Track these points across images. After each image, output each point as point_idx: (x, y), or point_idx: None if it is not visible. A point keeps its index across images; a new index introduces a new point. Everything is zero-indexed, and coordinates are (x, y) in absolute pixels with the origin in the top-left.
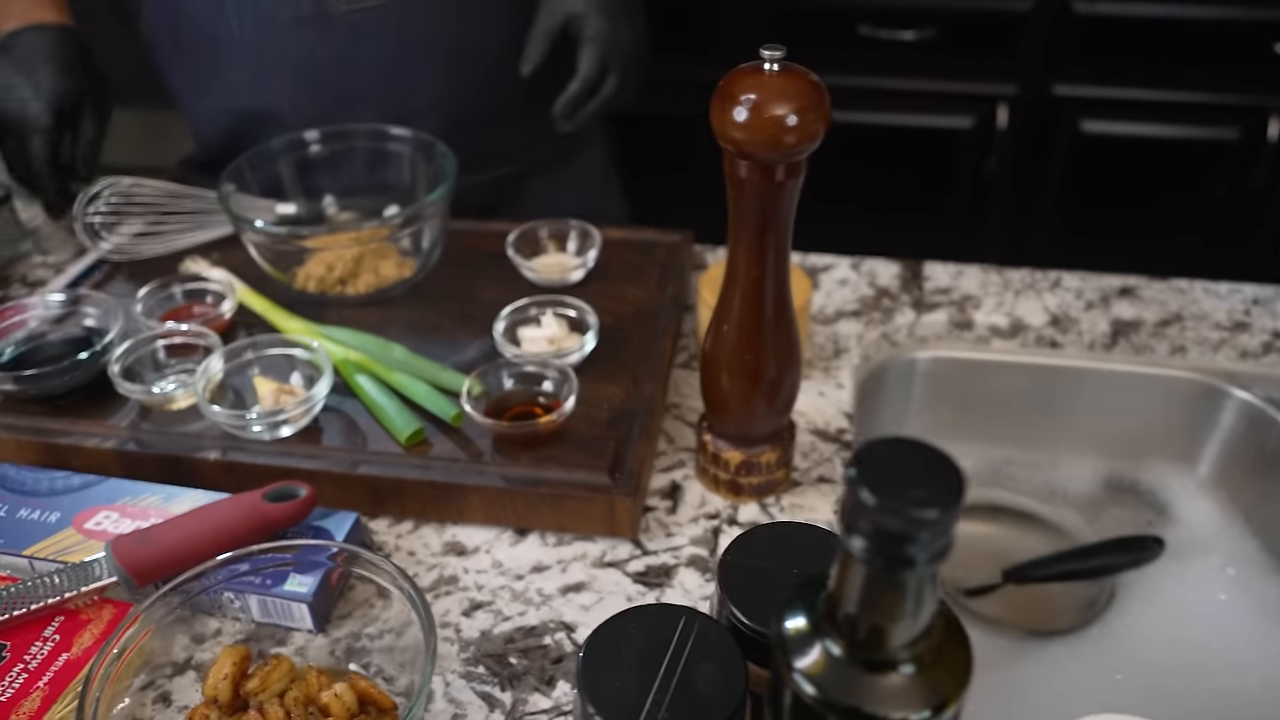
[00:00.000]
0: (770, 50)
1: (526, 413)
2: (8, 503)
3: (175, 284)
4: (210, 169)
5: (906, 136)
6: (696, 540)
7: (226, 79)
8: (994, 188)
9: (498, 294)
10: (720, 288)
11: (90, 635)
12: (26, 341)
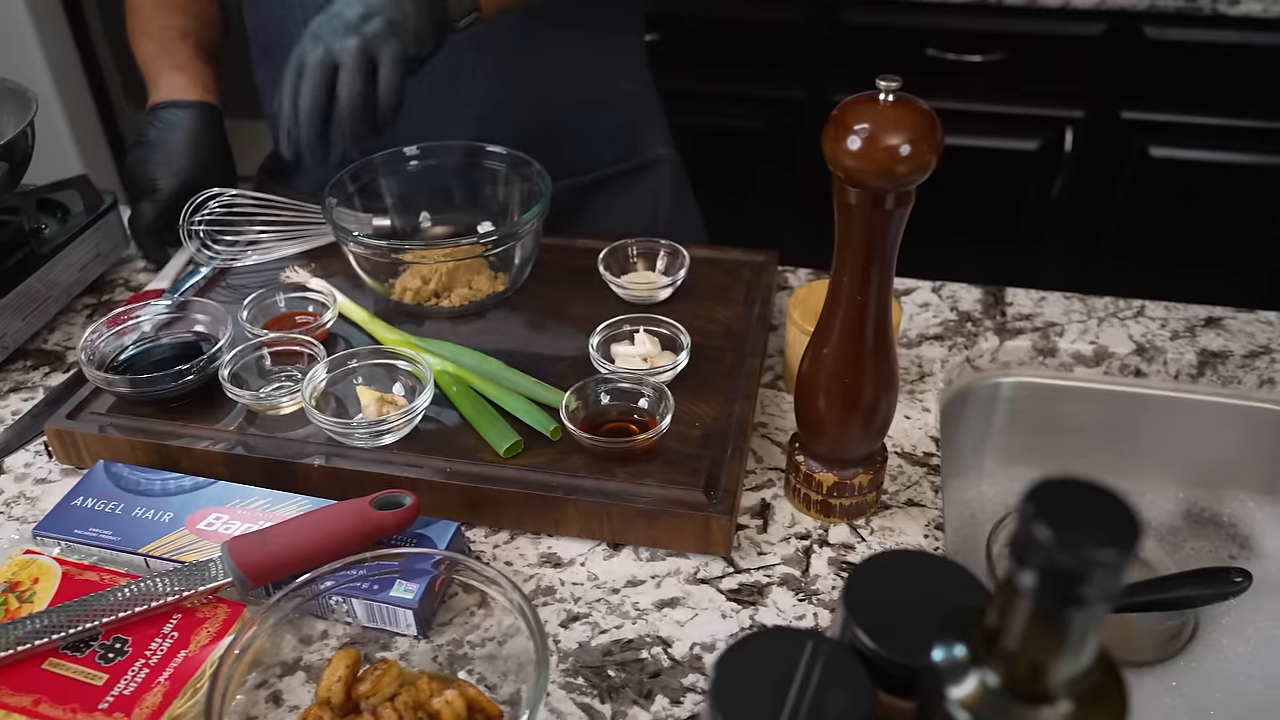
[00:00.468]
0: (886, 81)
1: (621, 429)
2: (123, 501)
3: (278, 293)
4: (285, 173)
5: (971, 158)
6: (788, 560)
7: None
8: (1058, 211)
9: (587, 309)
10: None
11: (206, 633)
12: (138, 345)
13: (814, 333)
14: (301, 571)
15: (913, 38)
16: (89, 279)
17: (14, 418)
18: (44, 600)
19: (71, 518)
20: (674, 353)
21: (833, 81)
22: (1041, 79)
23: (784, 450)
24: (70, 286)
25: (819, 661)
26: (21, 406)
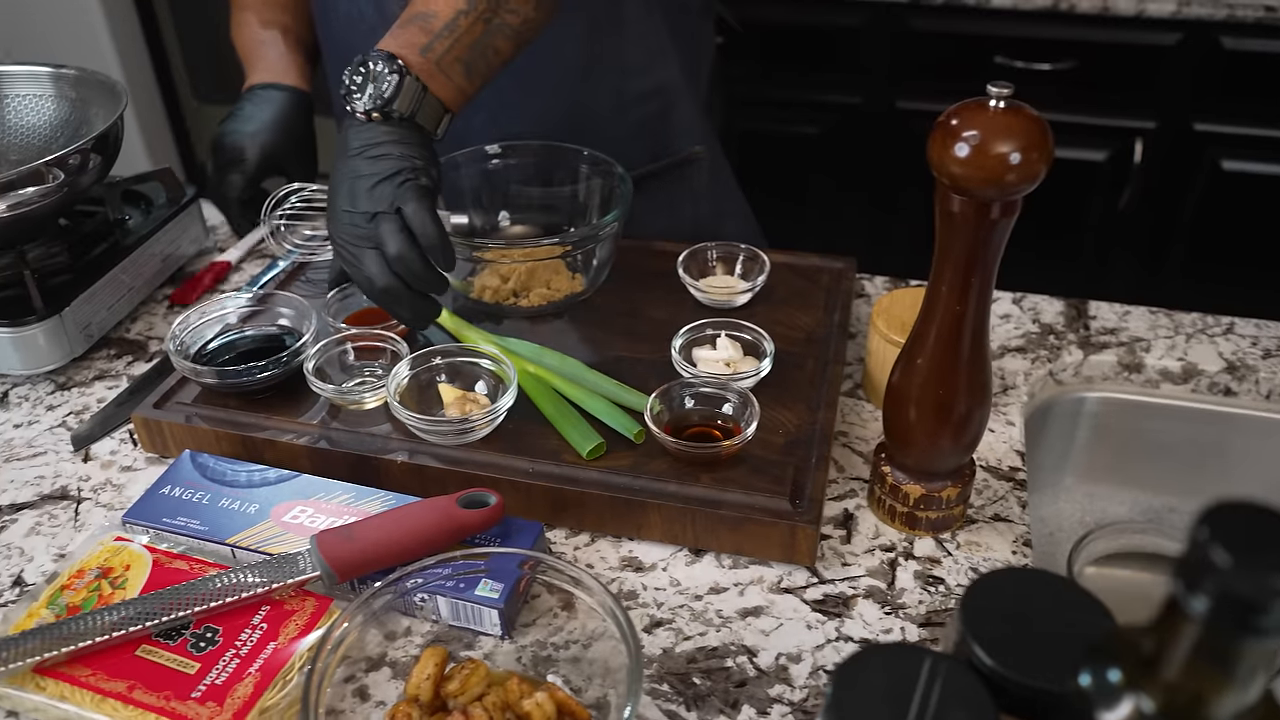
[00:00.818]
0: (998, 87)
1: (704, 433)
2: (209, 491)
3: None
4: None
5: None
6: (873, 572)
7: (337, 79)
8: (1125, 224)
9: (665, 313)
10: (902, 319)
11: (295, 626)
12: (223, 336)
13: (907, 342)
14: (388, 567)
15: (980, 45)
16: (170, 270)
17: (99, 405)
18: (136, 587)
19: (160, 506)
20: (756, 358)
21: (895, 88)
22: (1112, 88)
23: (866, 460)
24: (152, 278)
25: (938, 679)
26: (106, 394)
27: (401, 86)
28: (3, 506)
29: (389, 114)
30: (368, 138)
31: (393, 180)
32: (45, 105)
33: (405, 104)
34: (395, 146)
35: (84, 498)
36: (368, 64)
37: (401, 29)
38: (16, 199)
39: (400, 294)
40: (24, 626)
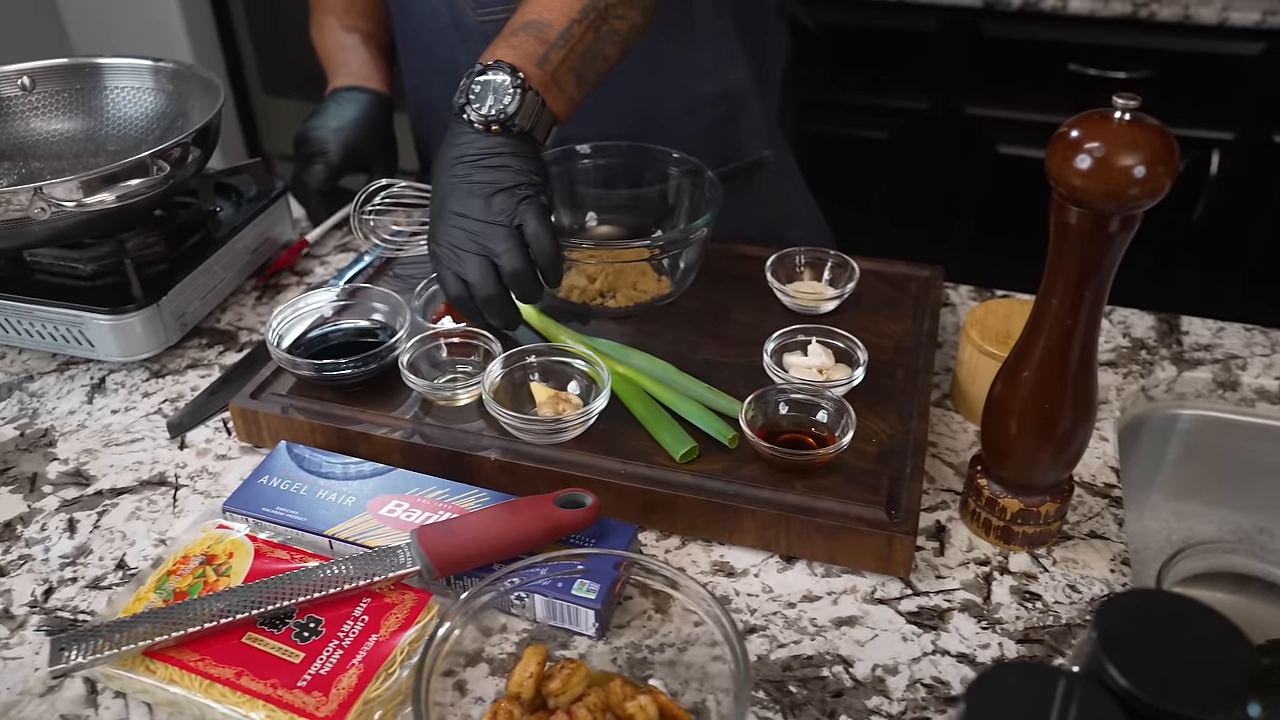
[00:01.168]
0: (1124, 99)
1: (796, 440)
2: (306, 483)
3: None
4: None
5: None
6: (968, 585)
7: (412, 77)
8: (1196, 236)
9: (751, 317)
10: (997, 330)
11: (395, 619)
12: (316, 328)
13: (1011, 355)
14: (485, 563)
15: (1055, 51)
16: (258, 262)
17: (192, 393)
18: (240, 575)
19: (259, 496)
20: (849, 366)
21: (964, 93)
22: (1190, 99)
23: (956, 471)
24: (242, 269)
25: (1074, 701)
26: (199, 383)
27: (524, 101)
28: (104, 490)
29: (509, 127)
30: (484, 146)
31: (512, 194)
32: (144, 98)
33: (526, 118)
34: (514, 159)
35: (181, 484)
36: (487, 74)
37: (515, 37)
38: (124, 190)
39: (500, 303)
40: (132, 610)
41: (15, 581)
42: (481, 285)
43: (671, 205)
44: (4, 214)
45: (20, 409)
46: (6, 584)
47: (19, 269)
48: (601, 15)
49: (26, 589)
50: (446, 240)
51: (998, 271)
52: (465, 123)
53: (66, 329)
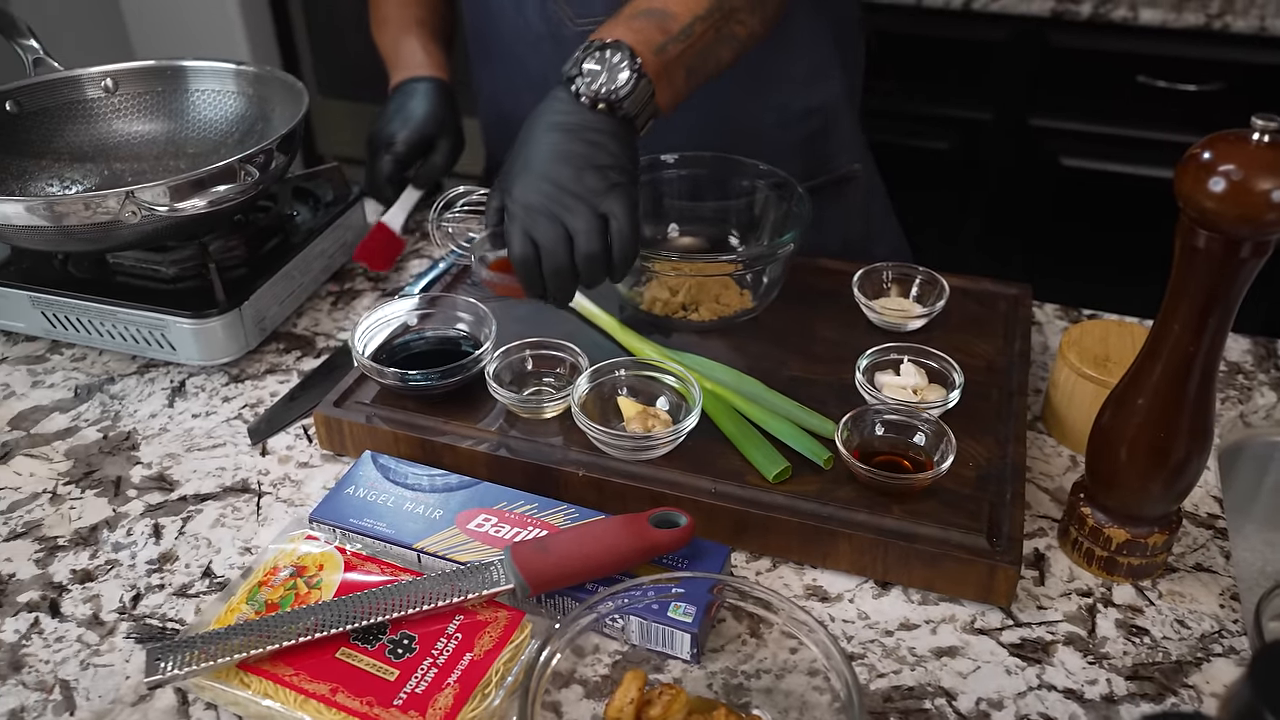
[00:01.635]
0: (1264, 120)
1: (891, 462)
2: (393, 494)
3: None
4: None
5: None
6: (1071, 617)
7: (493, 86)
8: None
9: (837, 333)
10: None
11: (489, 638)
12: (399, 337)
13: (1124, 380)
14: (577, 583)
15: (1123, 63)
16: (334, 267)
17: (271, 399)
18: (331, 587)
19: (346, 506)
20: (942, 386)
21: (1029, 104)
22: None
23: (1053, 497)
24: (319, 274)
25: None
26: (278, 388)
27: (636, 86)
28: (188, 496)
29: (615, 108)
30: (585, 120)
31: (605, 175)
32: (226, 101)
33: (634, 104)
34: (612, 141)
35: (264, 492)
36: (605, 51)
37: (636, 20)
38: (214, 195)
39: (566, 279)
40: (225, 620)
41: (103, 587)
42: (552, 256)
43: (757, 218)
44: (92, 217)
45: (103, 411)
46: (95, 589)
47: (101, 271)
48: (725, 17)
49: (115, 595)
50: (525, 199)
51: (1061, 286)
52: (571, 94)
53: (149, 331)
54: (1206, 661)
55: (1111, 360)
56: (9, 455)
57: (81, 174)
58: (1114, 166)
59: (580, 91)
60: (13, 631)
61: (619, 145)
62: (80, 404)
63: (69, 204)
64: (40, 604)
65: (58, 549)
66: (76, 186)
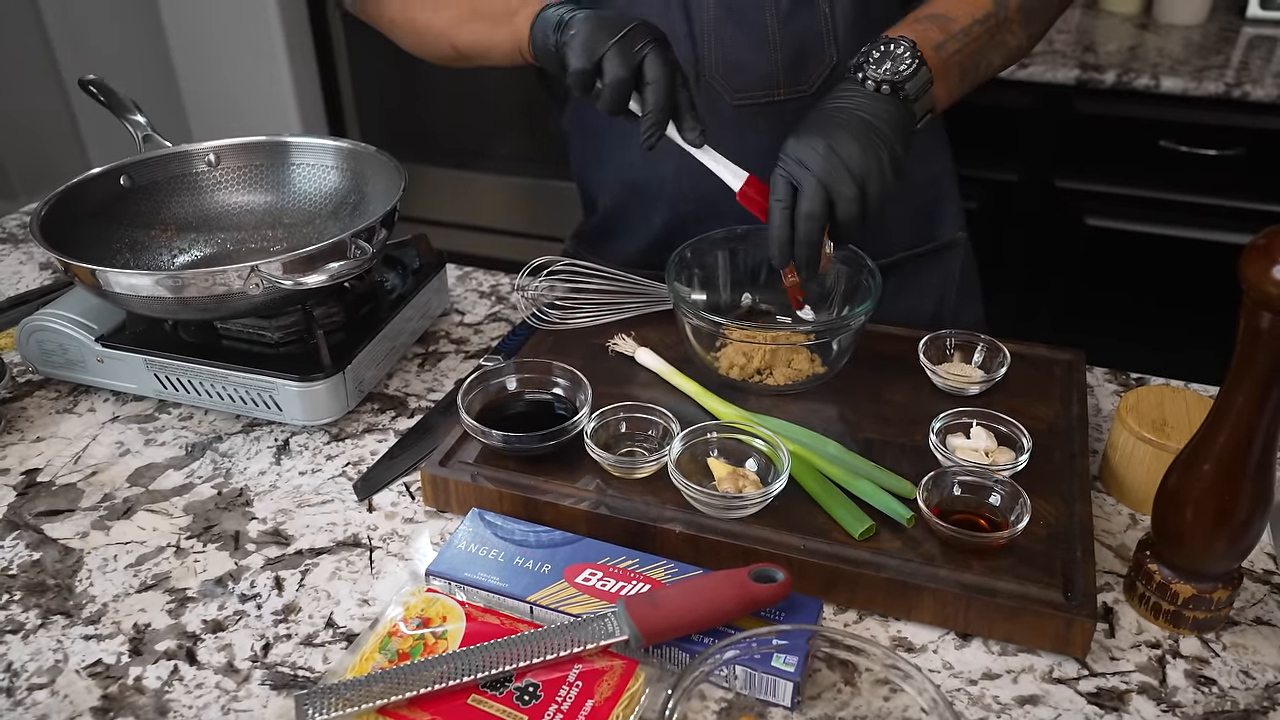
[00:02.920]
0: None
1: (967, 521)
2: (502, 549)
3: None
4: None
5: (1197, 252)
6: (1142, 668)
7: (622, 155)
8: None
9: (905, 397)
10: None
11: (607, 685)
12: (497, 399)
13: (1191, 446)
14: (684, 634)
15: (1146, 129)
16: (420, 331)
17: (372, 457)
18: (456, 638)
19: (459, 561)
20: (1009, 449)
21: (1056, 167)
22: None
23: (1115, 554)
24: (408, 337)
25: None
26: (377, 447)
27: (917, 72)
28: (304, 550)
29: (897, 90)
30: (869, 101)
31: (876, 150)
32: (322, 175)
33: (914, 88)
34: (886, 125)
35: (375, 546)
36: (890, 45)
37: (919, 24)
38: (333, 270)
39: (813, 244)
40: (359, 669)
41: (234, 636)
42: (808, 219)
43: (828, 288)
44: (212, 288)
45: (214, 468)
46: (227, 638)
47: (209, 335)
48: (1000, 25)
49: (246, 644)
50: (798, 154)
51: (1086, 341)
52: (857, 82)
53: (258, 393)
54: (1273, 709)
55: (1169, 425)
56: (132, 510)
57: (187, 243)
58: (1137, 227)
59: (866, 77)
60: (155, 678)
61: (893, 127)
62: (192, 461)
63: (193, 278)
64: (178, 652)
65: (188, 600)
66: (183, 256)
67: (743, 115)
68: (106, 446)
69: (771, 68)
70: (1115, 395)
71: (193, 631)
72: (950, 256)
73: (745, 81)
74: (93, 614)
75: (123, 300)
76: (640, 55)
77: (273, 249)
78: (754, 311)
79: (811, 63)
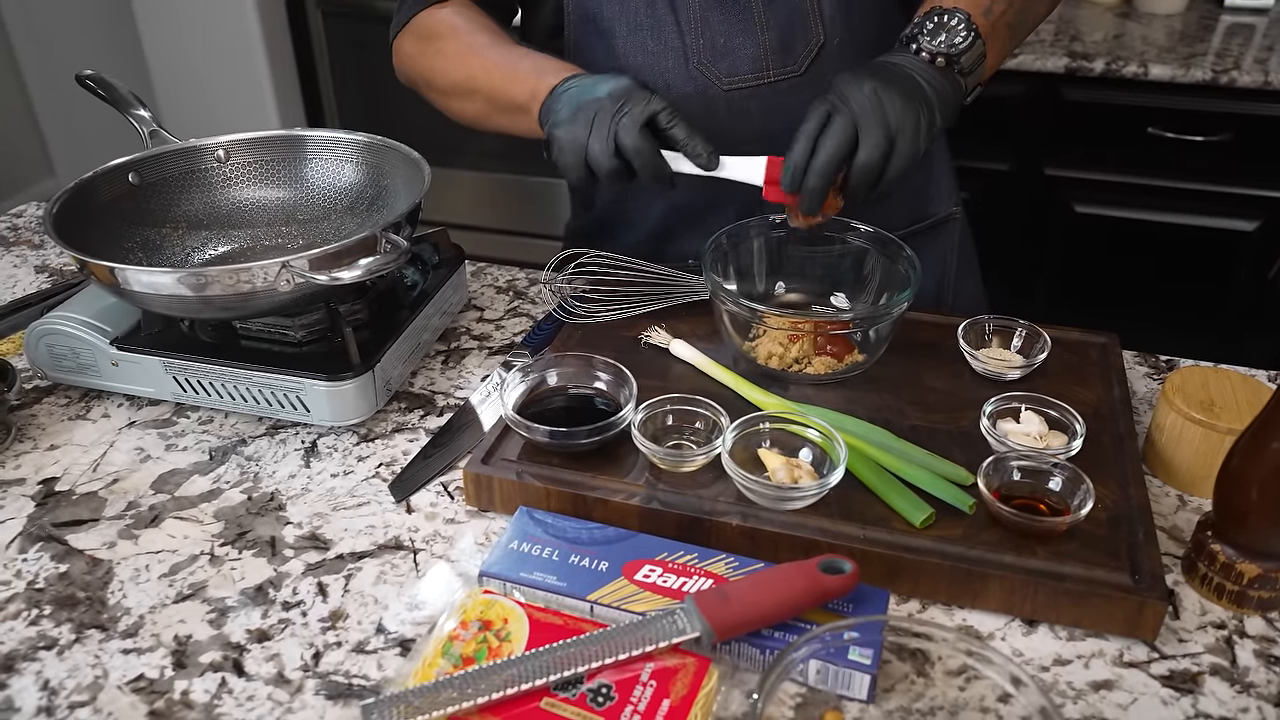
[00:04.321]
0: None
1: (1028, 506)
2: (556, 548)
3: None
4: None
5: (1184, 236)
6: (1211, 649)
7: None
8: (1273, 295)
9: (944, 383)
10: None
11: (682, 684)
12: (537, 394)
13: (1254, 426)
14: (755, 629)
15: (1135, 116)
16: (442, 328)
17: (404, 457)
18: (520, 639)
19: (515, 561)
20: (1061, 432)
21: (1045, 155)
22: (1268, 160)
23: (1169, 535)
24: (431, 334)
25: None
26: (408, 446)
27: (973, 45)
28: (345, 555)
29: (952, 63)
30: (921, 65)
31: (917, 110)
32: (337, 168)
33: (970, 60)
34: (935, 95)
35: (418, 548)
36: (943, 16)
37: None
38: (369, 264)
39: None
40: (423, 676)
41: (282, 645)
42: (828, 148)
43: (865, 276)
44: (237, 286)
45: (241, 473)
46: (274, 648)
47: (225, 335)
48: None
49: (295, 653)
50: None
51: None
52: (910, 53)
53: (284, 394)
54: None
55: (1216, 405)
56: (159, 518)
57: (200, 241)
58: (1125, 213)
59: (921, 47)
60: (203, 691)
61: (940, 96)
62: (217, 466)
63: (219, 275)
64: (224, 664)
65: (228, 609)
66: (198, 254)
67: (735, 101)
68: (125, 453)
69: (759, 50)
70: (1147, 378)
71: (237, 642)
72: (947, 232)
73: (734, 66)
74: (130, 627)
75: (142, 299)
76: (612, 138)
77: (289, 245)
78: (781, 302)
79: (799, 43)
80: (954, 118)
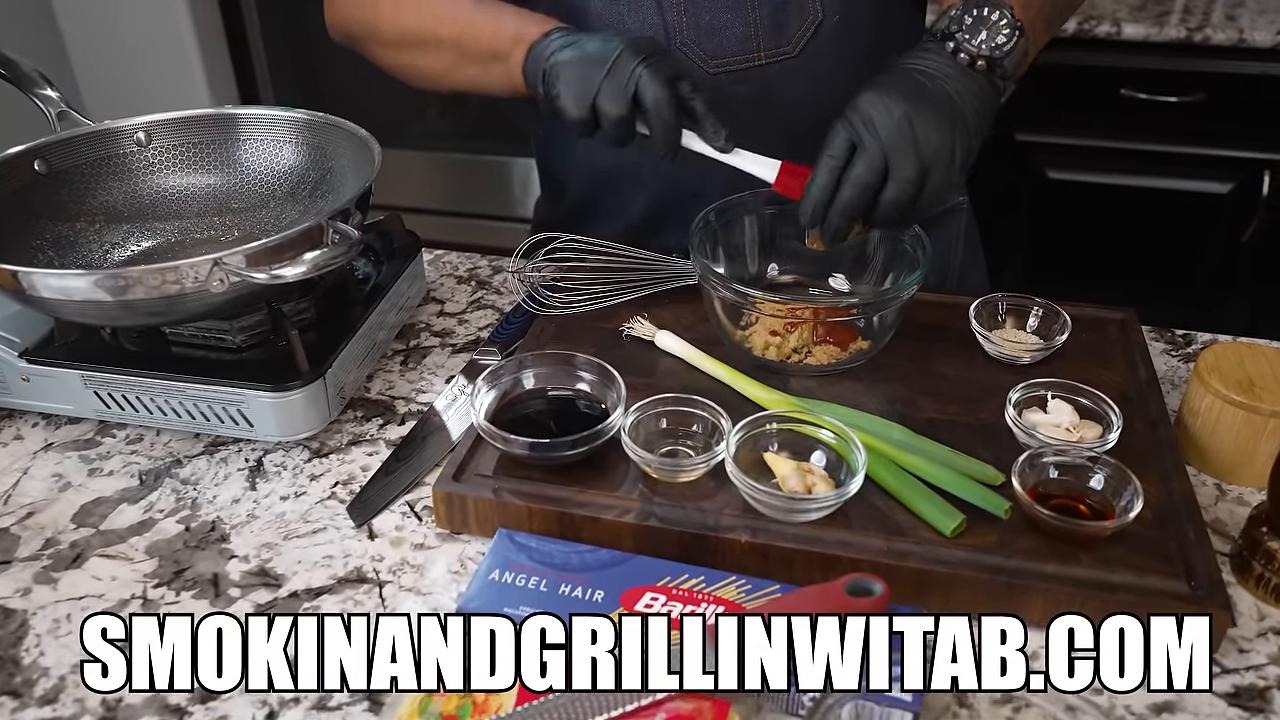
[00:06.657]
0: None
1: (1066, 507)
2: (544, 576)
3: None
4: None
5: (1158, 199)
6: (1276, 659)
7: None
8: (1247, 257)
9: (957, 370)
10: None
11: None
12: (509, 399)
13: None
14: None
15: (1107, 77)
16: (399, 325)
17: (364, 474)
18: (510, 692)
19: (496, 594)
20: (1094, 421)
21: (1018, 119)
22: (1242, 120)
23: (1211, 529)
24: (387, 333)
25: None
26: (367, 461)
27: (1016, 46)
28: (299, 591)
29: (994, 67)
30: (959, 80)
31: (955, 136)
32: (274, 151)
33: (1012, 63)
34: (974, 113)
35: (384, 580)
36: (983, 10)
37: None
38: (316, 259)
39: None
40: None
41: (230, 706)
42: (857, 186)
43: (868, 256)
44: (163, 288)
45: (177, 500)
46: (220, 709)
47: (153, 343)
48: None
49: (245, 714)
50: (867, 115)
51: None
52: (946, 52)
53: (222, 408)
54: None
55: (1256, 385)
56: (82, 557)
57: (121, 236)
58: (1099, 178)
59: (959, 48)
60: None
61: (978, 115)
62: (149, 492)
63: (142, 276)
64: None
65: None
66: (119, 250)
67: (721, 84)
68: (41, 481)
69: (749, 29)
70: (1166, 355)
71: (176, 704)
72: (952, 222)
73: (721, 46)
74: (48, 691)
75: (53, 306)
76: (633, 84)
77: (223, 239)
78: (775, 286)
79: (793, 20)
80: (988, 131)
